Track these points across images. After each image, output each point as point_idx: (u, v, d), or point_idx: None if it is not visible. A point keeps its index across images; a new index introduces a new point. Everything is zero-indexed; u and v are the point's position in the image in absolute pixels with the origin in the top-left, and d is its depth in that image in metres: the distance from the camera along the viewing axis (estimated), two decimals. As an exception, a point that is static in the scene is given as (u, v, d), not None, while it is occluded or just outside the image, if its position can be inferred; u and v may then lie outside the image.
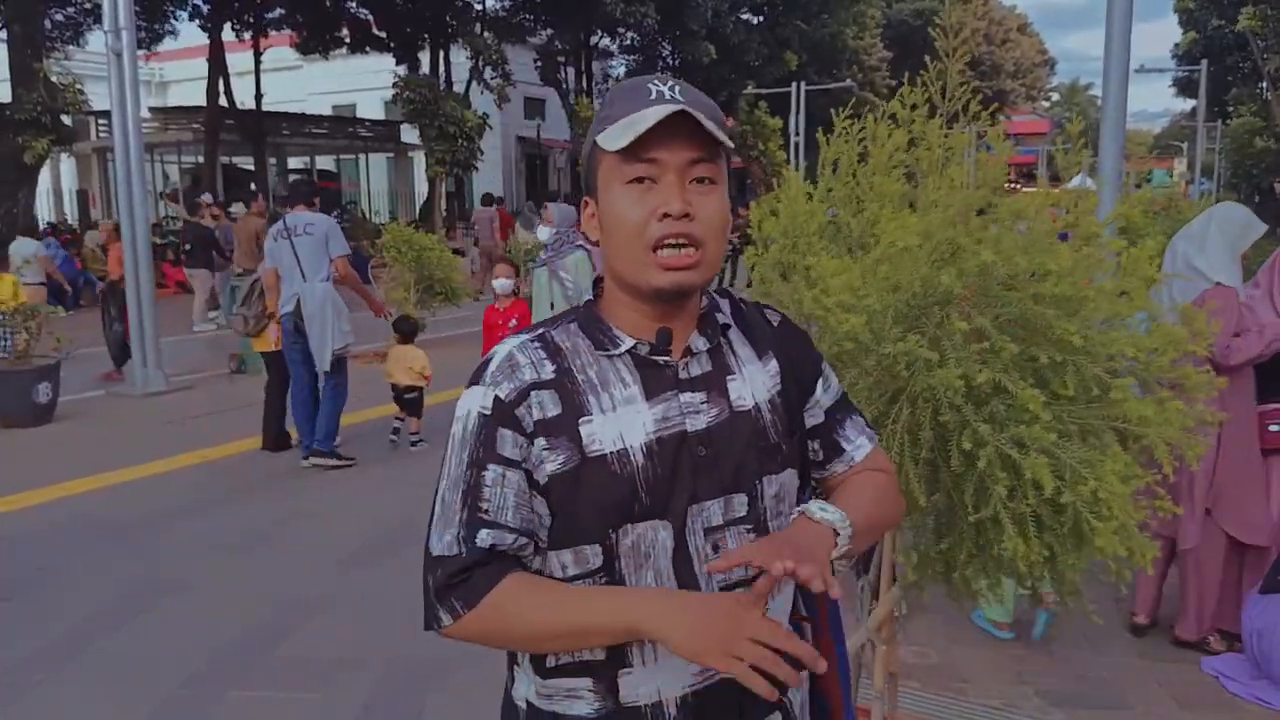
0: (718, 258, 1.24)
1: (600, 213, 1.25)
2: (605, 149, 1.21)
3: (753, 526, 1.27)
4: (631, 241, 1.20)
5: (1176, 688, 3.58)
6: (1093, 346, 2.04)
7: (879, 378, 2.17)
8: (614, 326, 1.27)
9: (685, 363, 1.27)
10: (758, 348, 1.34)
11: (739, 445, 1.26)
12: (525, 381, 1.23)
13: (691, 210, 1.19)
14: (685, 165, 1.19)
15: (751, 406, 1.28)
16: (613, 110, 1.22)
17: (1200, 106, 30.31)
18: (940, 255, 2.15)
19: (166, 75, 39.59)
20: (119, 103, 9.62)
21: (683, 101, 1.19)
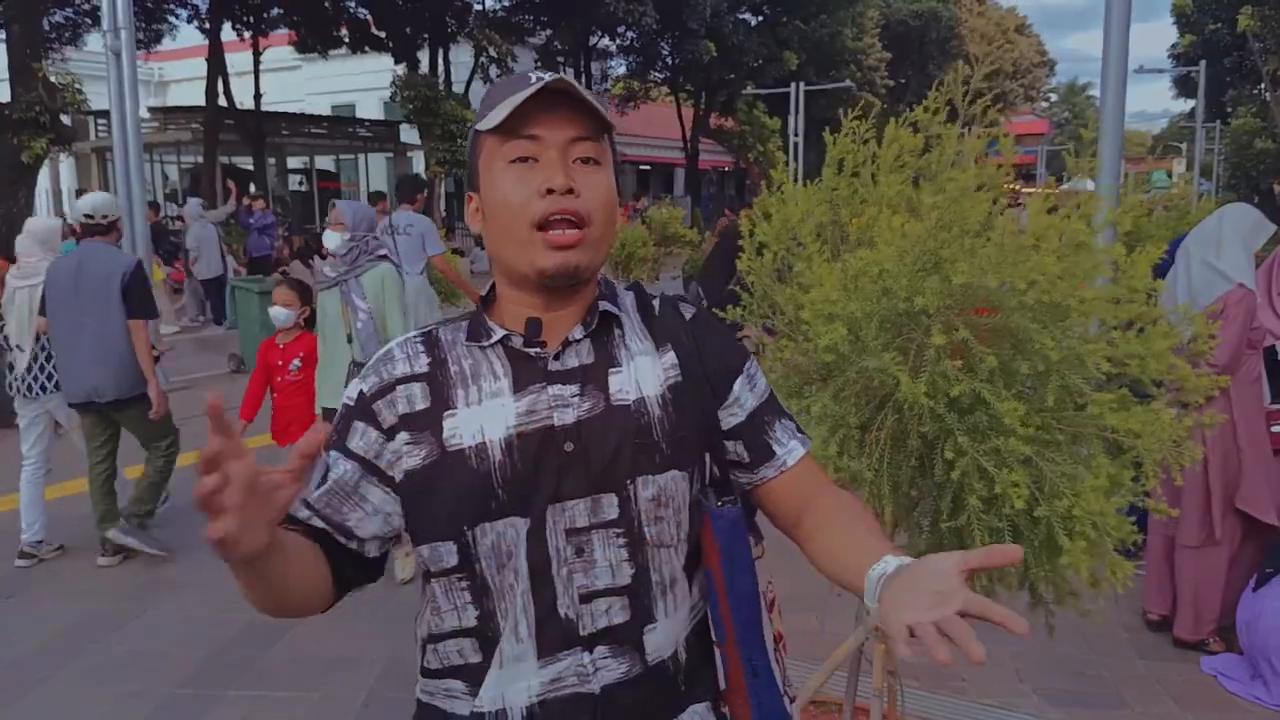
0: (605, 240, 1.19)
1: (483, 200, 1.20)
2: (483, 130, 1.17)
3: (624, 532, 1.18)
4: (515, 222, 1.15)
5: (1176, 687, 3.59)
6: (1071, 357, 2.03)
7: (865, 385, 2.17)
8: (491, 319, 1.23)
9: (559, 354, 1.20)
10: (656, 340, 1.26)
11: (612, 442, 1.17)
12: (394, 376, 1.21)
13: (576, 186, 1.14)
14: (567, 143, 1.16)
15: (633, 401, 1.20)
16: (493, 97, 1.19)
17: (1199, 108, 30.30)
18: (922, 267, 2.15)
19: (165, 75, 39.57)
20: (118, 102, 9.62)
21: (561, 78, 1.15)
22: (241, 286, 10.60)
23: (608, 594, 1.18)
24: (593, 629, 1.18)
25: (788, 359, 2.44)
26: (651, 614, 1.20)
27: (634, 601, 1.19)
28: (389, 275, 4.51)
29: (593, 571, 1.17)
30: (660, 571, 1.21)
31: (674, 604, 1.23)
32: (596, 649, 1.18)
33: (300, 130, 29.13)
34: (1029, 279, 1.97)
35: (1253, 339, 3.66)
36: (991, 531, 2.02)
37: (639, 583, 1.19)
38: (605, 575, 1.18)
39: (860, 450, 2.20)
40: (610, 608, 1.18)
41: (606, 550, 1.17)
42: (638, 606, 1.19)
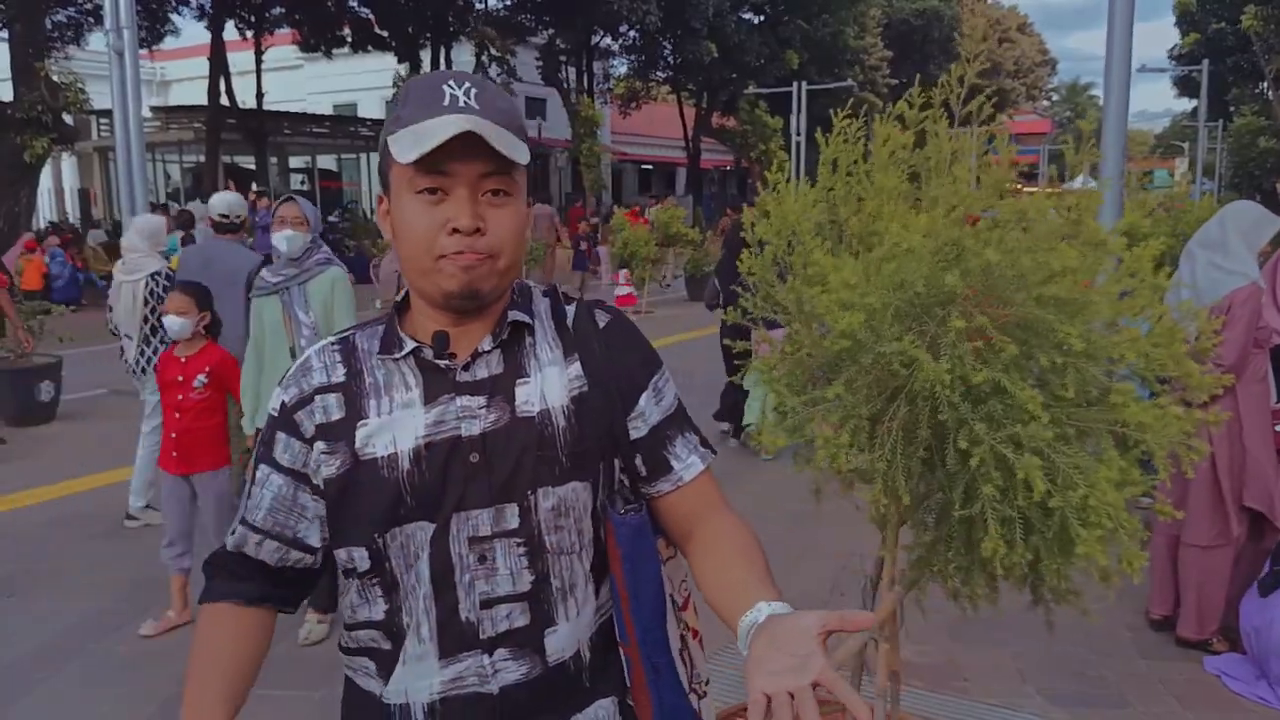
0: (513, 267, 1.21)
1: (393, 217, 1.21)
2: (395, 160, 1.15)
3: (524, 541, 1.20)
4: (420, 253, 1.17)
5: (1179, 687, 3.58)
6: (1094, 349, 2.03)
7: (878, 375, 2.17)
8: (402, 330, 1.25)
9: (468, 365, 1.22)
10: (566, 349, 1.27)
11: (514, 453, 1.20)
12: (312, 386, 1.24)
13: (483, 225, 1.15)
14: (477, 179, 1.15)
15: (538, 413, 1.21)
16: (404, 111, 1.17)
17: (1201, 107, 30.29)
18: (945, 256, 2.14)
19: (167, 74, 39.62)
20: (120, 102, 9.62)
21: (477, 110, 1.14)
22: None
23: (508, 600, 1.21)
24: (493, 633, 1.21)
25: (794, 354, 2.43)
26: (552, 618, 1.23)
27: (534, 606, 1.22)
28: (339, 281, 4.02)
29: (494, 579, 1.20)
30: (561, 577, 1.24)
31: (576, 607, 1.26)
32: (496, 652, 1.21)
33: (302, 130, 29.15)
34: (1060, 265, 1.97)
35: (1259, 338, 3.65)
36: (1004, 522, 2.01)
37: (539, 589, 1.22)
38: (506, 583, 1.20)
39: (870, 442, 2.20)
40: (511, 613, 1.21)
41: (508, 558, 1.20)
42: (538, 611, 1.22)
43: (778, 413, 2.46)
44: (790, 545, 4.82)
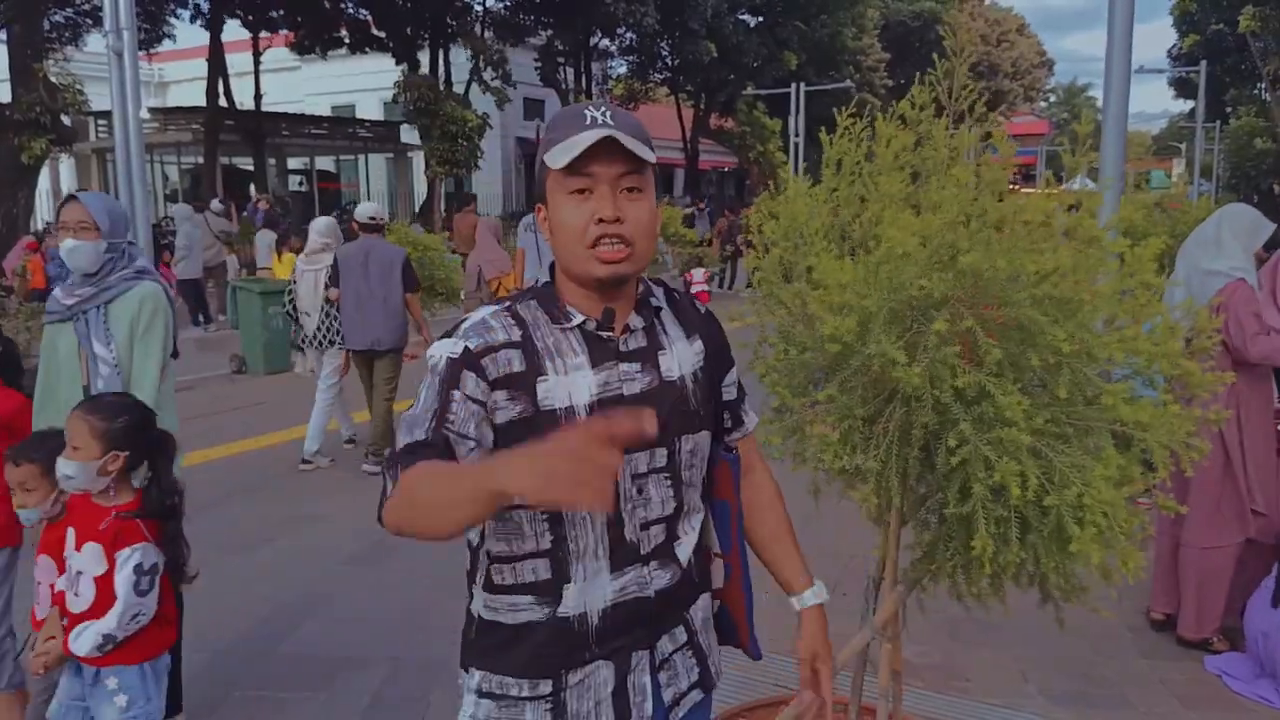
0: (647, 252, 1.48)
1: (550, 218, 1.48)
2: (550, 167, 1.44)
3: (670, 475, 1.55)
4: (575, 242, 1.44)
5: (1180, 687, 3.59)
6: (1089, 349, 2.03)
7: (873, 377, 2.17)
8: (567, 304, 1.51)
9: (625, 338, 1.52)
10: (687, 329, 1.61)
11: (665, 408, 1.49)
12: (498, 340, 1.46)
13: (622, 215, 1.43)
14: (616, 178, 1.44)
15: (678, 378, 1.55)
16: (555, 134, 1.44)
17: (1199, 108, 30.31)
18: (940, 258, 2.15)
19: (166, 76, 39.58)
20: (119, 103, 9.57)
21: (613, 125, 1.41)
22: (242, 287, 10.60)
23: (658, 522, 1.54)
24: (649, 549, 1.54)
25: (793, 356, 2.43)
26: (678, 533, 1.58)
27: (670, 526, 1.56)
28: (149, 300, 3.11)
29: (650, 505, 1.53)
30: (688, 503, 1.59)
31: (691, 525, 1.61)
32: (651, 563, 1.54)
33: (300, 131, 29.15)
34: (1044, 270, 1.98)
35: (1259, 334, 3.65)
36: (998, 521, 2.02)
37: (676, 512, 1.57)
38: (657, 508, 1.54)
39: (866, 442, 2.20)
40: (658, 532, 1.54)
41: (659, 489, 1.54)
42: (672, 529, 1.57)
43: (776, 411, 2.46)
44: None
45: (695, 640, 1.65)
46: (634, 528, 1.51)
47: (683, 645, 1.62)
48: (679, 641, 1.62)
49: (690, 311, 1.65)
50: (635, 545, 1.52)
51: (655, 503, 1.53)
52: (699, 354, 1.60)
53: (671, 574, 1.56)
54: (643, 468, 1.51)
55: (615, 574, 1.51)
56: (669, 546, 1.56)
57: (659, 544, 1.54)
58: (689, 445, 1.56)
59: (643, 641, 1.56)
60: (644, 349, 1.53)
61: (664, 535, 1.55)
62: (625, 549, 1.51)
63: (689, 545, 1.60)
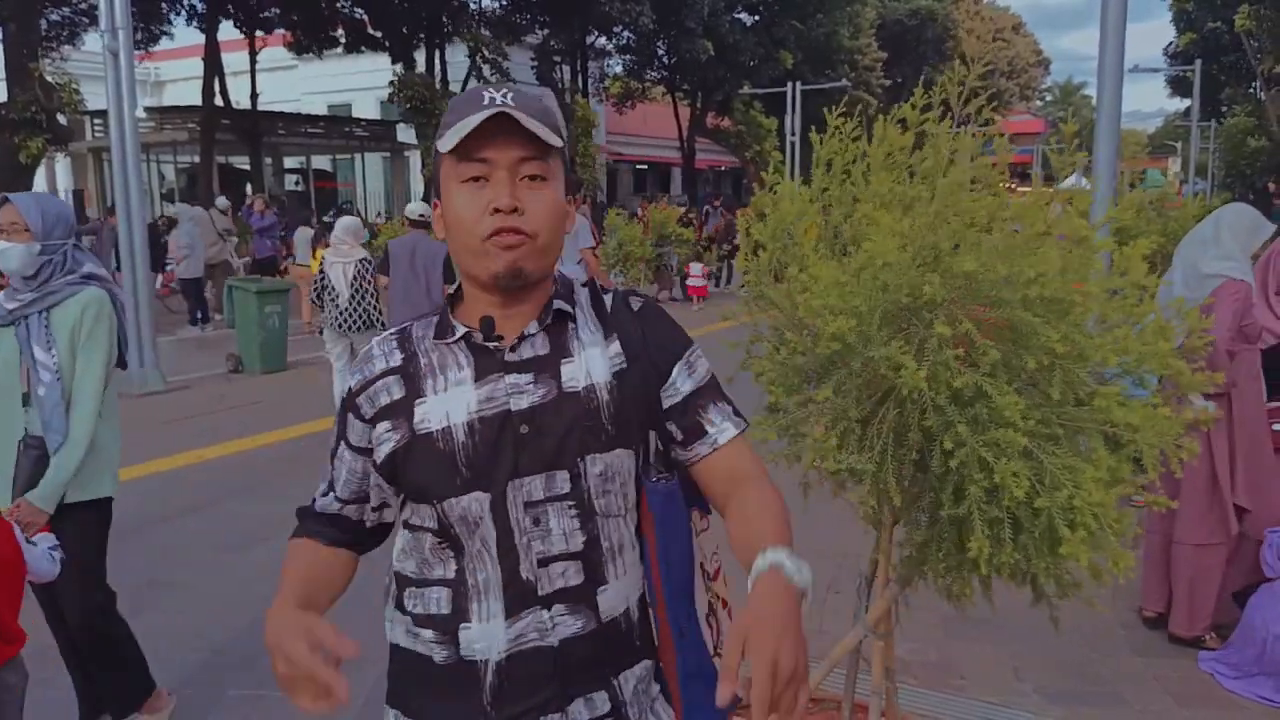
0: (553, 246, 1.32)
1: (444, 212, 1.34)
2: (441, 151, 1.30)
3: (575, 503, 1.33)
4: (469, 236, 1.29)
5: (1173, 684, 3.60)
6: (1081, 351, 2.04)
7: (868, 379, 2.18)
8: (454, 317, 1.37)
9: (515, 346, 1.34)
10: (606, 331, 1.39)
11: (563, 424, 1.31)
12: (376, 371, 1.38)
13: (521, 204, 1.27)
14: (514, 163, 1.27)
15: (583, 388, 1.33)
16: (449, 118, 1.29)
17: (1194, 107, 30.36)
18: (923, 260, 2.16)
19: (162, 75, 39.51)
20: (115, 102, 9.61)
21: (509, 105, 1.26)
22: (240, 287, 10.60)
23: (562, 559, 1.32)
24: (549, 589, 1.32)
25: (784, 357, 2.44)
26: (603, 577, 1.35)
27: (587, 566, 1.34)
28: (93, 306, 2.99)
29: (549, 539, 1.32)
30: (610, 539, 1.36)
31: (624, 567, 1.38)
32: (554, 607, 1.32)
33: (297, 130, 29.12)
34: (1035, 271, 1.98)
35: (1248, 333, 3.67)
36: (992, 522, 2.03)
37: (590, 549, 1.34)
38: (560, 542, 1.32)
39: (861, 444, 2.21)
40: (565, 570, 1.33)
41: (560, 520, 1.32)
42: (590, 570, 1.34)
43: (770, 411, 2.47)
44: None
45: (623, 713, 1.37)
46: (529, 564, 1.31)
47: (604, 715, 1.36)
48: (598, 710, 1.35)
49: (618, 309, 1.42)
50: (531, 584, 1.31)
51: (556, 536, 1.31)
52: (616, 358, 1.37)
53: (584, 622, 1.33)
54: (538, 494, 1.31)
55: (511, 618, 1.31)
56: (585, 591, 1.33)
57: (569, 586, 1.32)
58: (597, 467, 1.32)
59: (551, 704, 1.33)
60: (542, 358, 1.34)
61: (579, 576, 1.32)
62: (520, 588, 1.31)
63: (619, 593, 1.36)
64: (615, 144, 38.74)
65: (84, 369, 2.98)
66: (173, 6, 25.18)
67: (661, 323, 1.44)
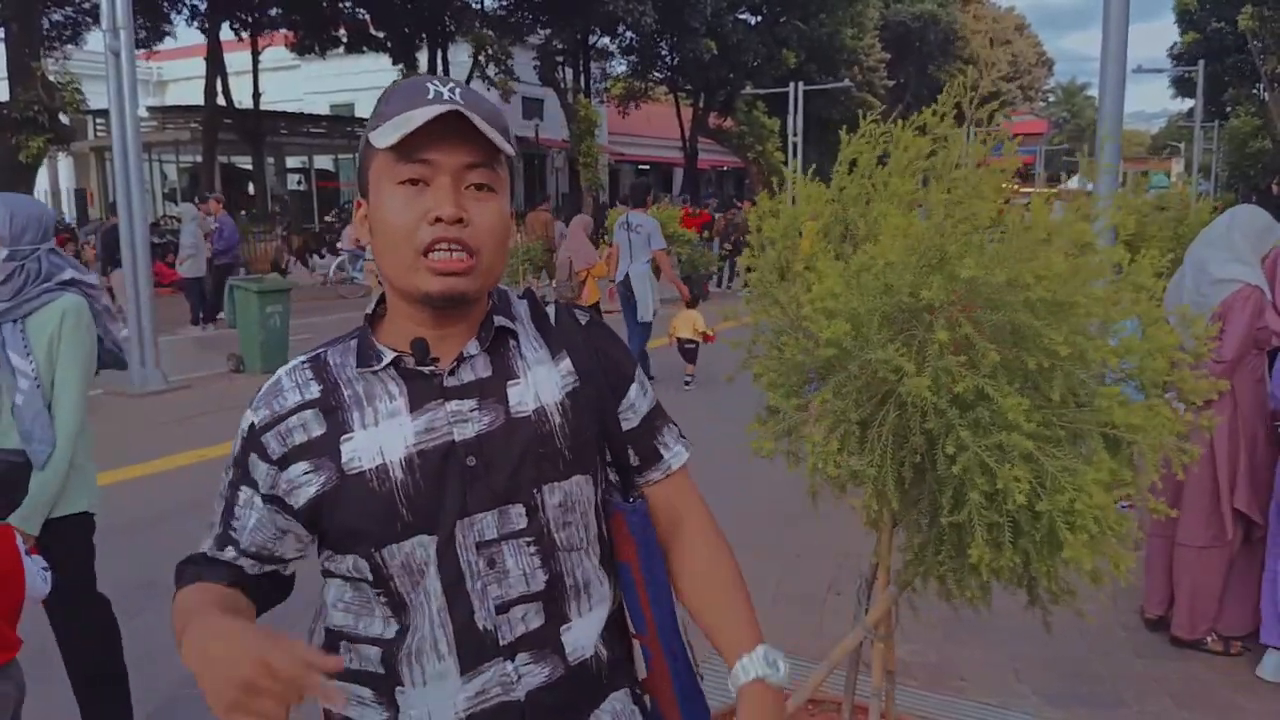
0: (495, 266, 1.18)
1: (370, 214, 1.18)
2: (376, 147, 1.13)
3: (534, 539, 1.20)
4: (400, 245, 1.13)
5: (1174, 686, 3.59)
6: (1083, 353, 2.04)
7: (867, 381, 2.17)
8: (379, 341, 1.22)
9: (454, 369, 1.20)
10: (553, 348, 1.27)
11: (515, 453, 1.18)
12: (287, 405, 1.19)
13: (466, 215, 1.13)
14: (461, 169, 1.14)
15: (533, 411, 1.20)
16: (387, 108, 1.14)
17: (1198, 107, 30.33)
18: (928, 263, 2.15)
19: (164, 74, 39.55)
20: (117, 102, 9.62)
21: (461, 103, 1.12)
22: (241, 286, 10.60)
23: (523, 601, 1.19)
24: (512, 637, 1.18)
25: (787, 357, 2.44)
26: (566, 615, 1.22)
27: (549, 605, 1.21)
28: (72, 314, 2.84)
29: (506, 581, 1.18)
30: (573, 574, 1.24)
31: (589, 603, 1.25)
32: (518, 656, 1.19)
33: (299, 130, 29.17)
34: (1037, 274, 1.98)
35: (1258, 338, 3.66)
36: (992, 527, 2.03)
37: (553, 587, 1.21)
38: (520, 583, 1.19)
39: (861, 447, 2.21)
40: (526, 614, 1.19)
41: (519, 559, 1.19)
42: (553, 609, 1.21)
43: (769, 412, 2.47)
44: (787, 545, 4.83)
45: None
46: (486, 612, 1.17)
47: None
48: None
49: (563, 323, 1.29)
50: (491, 634, 1.17)
51: (515, 577, 1.18)
52: (568, 376, 1.24)
53: (551, 669, 1.20)
54: (490, 533, 1.17)
55: (468, 675, 1.17)
56: (549, 633, 1.20)
57: (532, 630, 1.19)
58: (555, 498, 1.20)
59: None
60: (485, 380, 1.20)
61: (540, 618, 1.19)
62: (476, 640, 1.17)
63: (588, 631, 1.24)
64: (617, 144, 38.77)
65: (62, 382, 2.86)
66: (175, 6, 25.21)
67: (610, 338, 1.34)
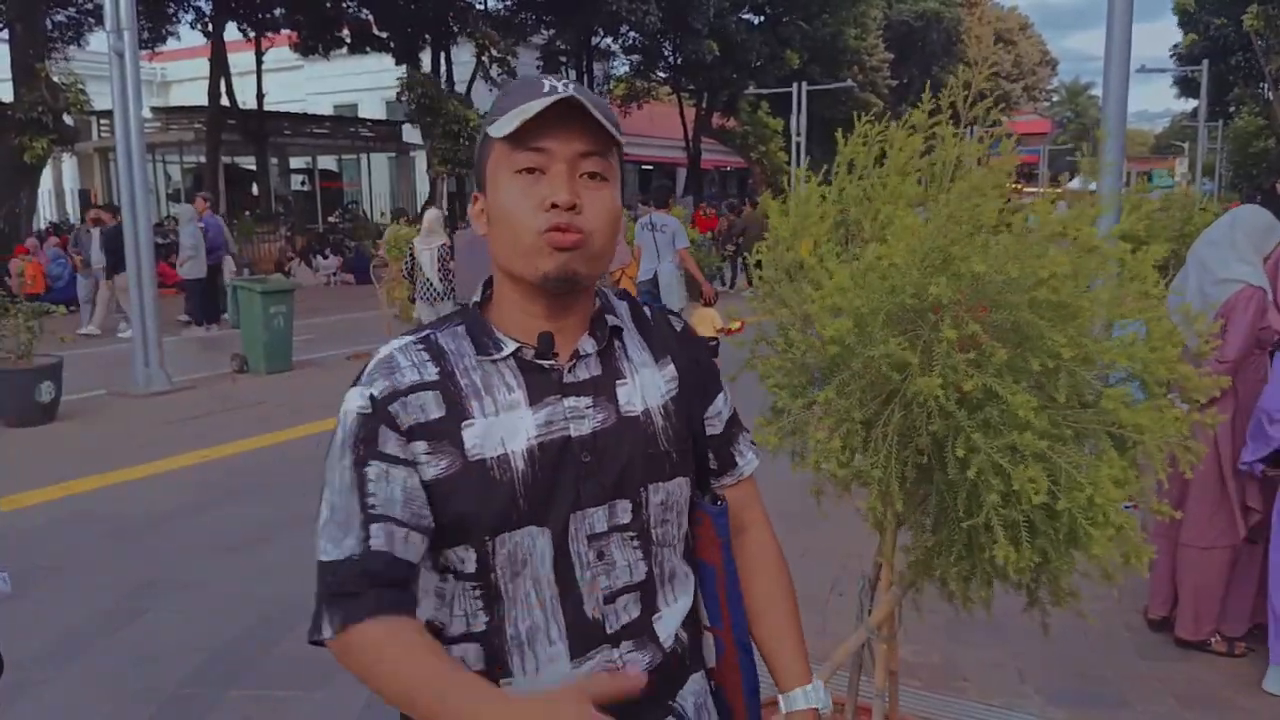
0: (606, 251, 1.22)
1: (488, 204, 1.22)
2: (494, 136, 1.18)
3: (637, 534, 1.26)
4: (518, 231, 1.18)
5: (1178, 687, 3.58)
6: (1088, 354, 2.03)
7: (872, 379, 2.17)
8: (498, 330, 1.24)
9: (572, 366, 1.24)
10: (655, 352, 1.32)
11: (625, 451, 1.24)
12: (404, 383, 1.20)
13: (580, 202, 1.17)
14: (575, 157, 1.18)
15: (641, 412, 1.26)
16: (504, 102, 1.19)
17: (1201, 107, 30.28)
18: (931, 263, 2.14)
19: (168, 75, 39.61)
20: (120, 103, 9.63)
21: (574, 93, 1.17)
22: (244, 287, 10.61)
23: (626, 591, 1.26)
24: (617, 626, 1.25)
25: (793, 355, 2.43)
26: (657, 605, 1.29)
27: (645, 596, 1.27)
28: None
29: (614, 572, 1.25)
30: (663, 567, 1.31)
31: (674, 594, 1.32)
32: (622, 644, 1.25)
33: (303, 130, 29.17)
34: (1043, 274, 1.97)
35: (1261, 338, 3.65)
36: (1010, 526, 2.01)
37: (650, 579, 1.28)
38: (624, 575, 1.25)
39: (865, 446, 2.20)
40: (628, 604, 1.26)
41: (624, 552, 1.25)
42: (647, 600, 1.28)
43: (775, 412, 2.46)
44: (790, 545, 4.76)
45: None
46: (595, 601, 1.23)
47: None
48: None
49: (663, 329, 1.35)
50: (599, 623, 1.23)
51: (620, 568, 1.25)
52: (671, 381, 1.31)
53: (650, 655, 1.27)
54: (601, 526, 1.23)
55: (577, 661, 1.22)
56: (644, 622, 1.27)
57: (633, 620, 1.26)
58: (659, 496, 1.27)
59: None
60: (597, 379, 1.25)
61: (638, 608, 1.26)
62: (587, 628, 1.23)
63: (673, 620, 1.31)
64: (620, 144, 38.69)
65: None
66: (179, 7, 25.23)
67: (700, 345, 1.40)
